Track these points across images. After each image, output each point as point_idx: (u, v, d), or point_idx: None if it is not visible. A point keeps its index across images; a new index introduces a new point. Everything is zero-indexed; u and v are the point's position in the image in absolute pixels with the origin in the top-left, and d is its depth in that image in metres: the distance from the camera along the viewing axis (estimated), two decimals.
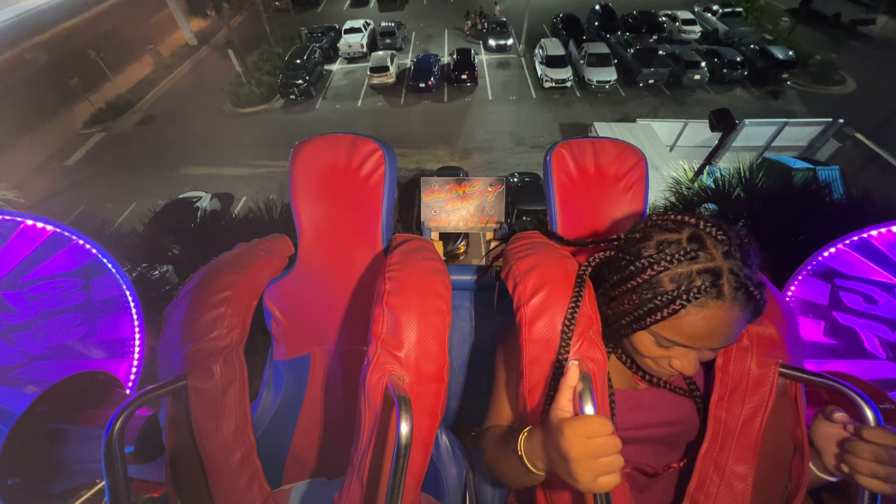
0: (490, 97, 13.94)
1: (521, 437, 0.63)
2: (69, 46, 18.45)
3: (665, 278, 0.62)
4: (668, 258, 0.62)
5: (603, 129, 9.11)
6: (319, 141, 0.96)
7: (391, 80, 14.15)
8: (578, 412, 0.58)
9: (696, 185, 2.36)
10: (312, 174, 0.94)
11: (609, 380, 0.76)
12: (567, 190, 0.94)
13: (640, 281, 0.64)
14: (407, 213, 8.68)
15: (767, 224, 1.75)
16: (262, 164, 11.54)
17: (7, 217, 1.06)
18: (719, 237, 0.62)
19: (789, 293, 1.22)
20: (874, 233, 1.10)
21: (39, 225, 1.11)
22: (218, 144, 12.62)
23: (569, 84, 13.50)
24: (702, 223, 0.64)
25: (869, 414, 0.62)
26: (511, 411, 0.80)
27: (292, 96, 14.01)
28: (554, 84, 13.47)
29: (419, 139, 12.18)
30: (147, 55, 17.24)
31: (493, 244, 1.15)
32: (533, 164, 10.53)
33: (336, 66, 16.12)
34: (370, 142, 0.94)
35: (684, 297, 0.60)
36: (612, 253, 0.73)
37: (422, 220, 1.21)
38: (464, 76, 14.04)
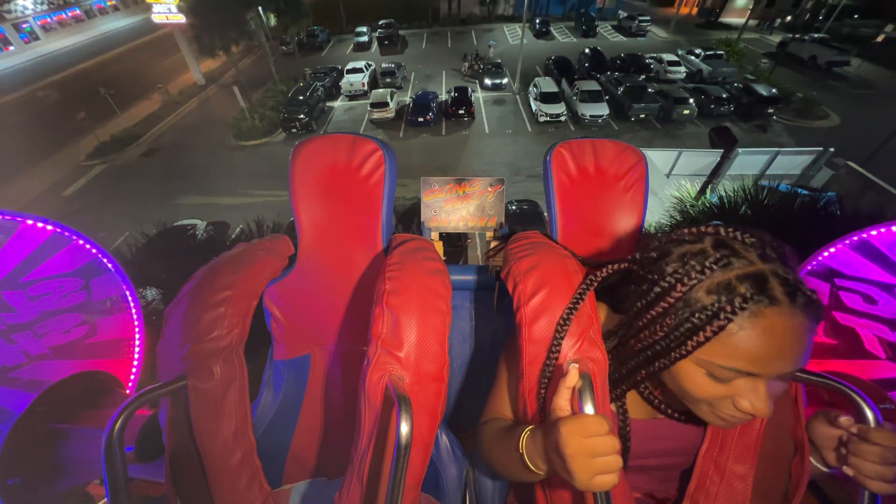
0: (487, 131, 14.52)
1: (524, 436, 0.63)
2: (81, 85, 19.13)
3: (701, 292, 0.53)
4: (699, 269, 0.54)
5: None
6: (319, 141, 0.96)
7: (391, 115, 14.77)
8: (578, 412, 0.58)
9: (700, 203, 2.34)
10: (312, 174, 0.94)
11: (626, 413, 0.73)
12: (567, 190, 0.94)
13: (673, 301, 0.56)
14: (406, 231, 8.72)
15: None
16: (260, 194, 11.75)
17: (7, 217, 1.06)
18: (747, 240, 0.55)
19: None
20: (874, 233, 1.10)
21: (39, 225, 1.11)
22: (217, 175, 12.93)
23: (563, 118, 14.17)
24: (722, 230, 0.57)
25: (869, 414, 0.62)
26: (509, 407, 0.80)
27: (294, 129, 14.62)
28: (549, 118, 14.16)
29: (418, 169, 12.41)
30: (156, 93, 17.82)
31: (493, 244, 1.15)
32: (531, 193, 10.74)
33: (338, 103, 16.97)
34: (370, 142, 0.94)
35: (728, 308, 0.50)
36: (626, 266, 0.66)
37: (422, 220, 1.21)
38: (461, 111, 14.72)
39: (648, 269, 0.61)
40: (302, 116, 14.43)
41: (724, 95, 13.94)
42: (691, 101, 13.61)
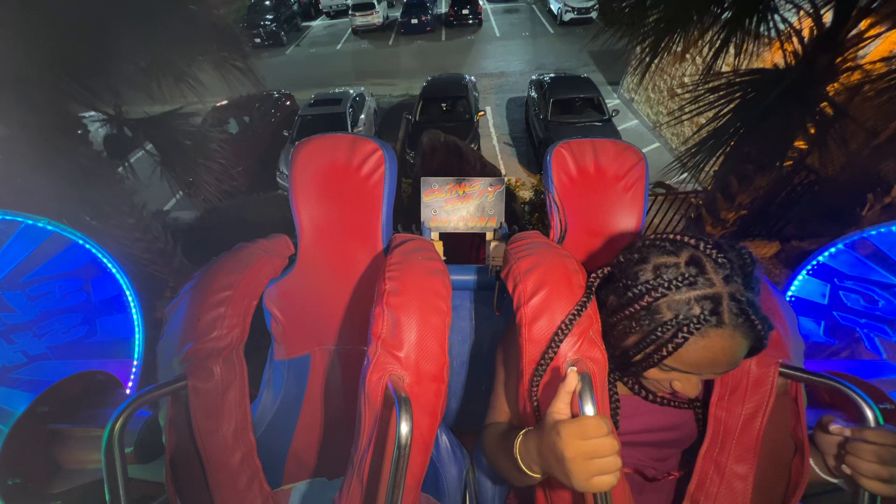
0: (498, 34, 12.35)
1: (518, 440, 0.63)
2: None
3: (663, 305, 0.60)
4: (666, 284, 0.60)
5: None
6: (319, 141, 0.96)
7: (377, 20, 12.20)
8: (578, 413, 0.58)
9: None
10: (312, 174, 0.94)
11: (615, 385, 0.76)
12: (567, 190, 0.94)
13: (638, 308, 0.62)
14: (391, 138, 8.10)
15: None
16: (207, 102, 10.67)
17: (7, 217, 1.06)
18: (720, 260, 0.59)
19: (789, 293, 1.22)
20: (874, 233, 1.10)
21: (39, 225, 1.11)
22: None
23: (593, 14, 11.65)
24: (702, 244, 0.61)
25: (869, 414, 0.62)
26: (510, 409, 0.80)
27: (258, 39, 12.13)
28: (575, 15, 11.86)
29: (410, 71, 10.87)
30: None
31: (493, 244, 1.15)
32: None
33: (316, 23, 14.44)
34: (370, 142, 0.94)
35: (685, 329, 0.57)
36: (609, 270, 0.71)
37: (422, 220, 1.21)
38: (465, 11, 11.99)
39: (625, 273, 0.66)
40: (266, 22, 12.08)
41: None
42: None
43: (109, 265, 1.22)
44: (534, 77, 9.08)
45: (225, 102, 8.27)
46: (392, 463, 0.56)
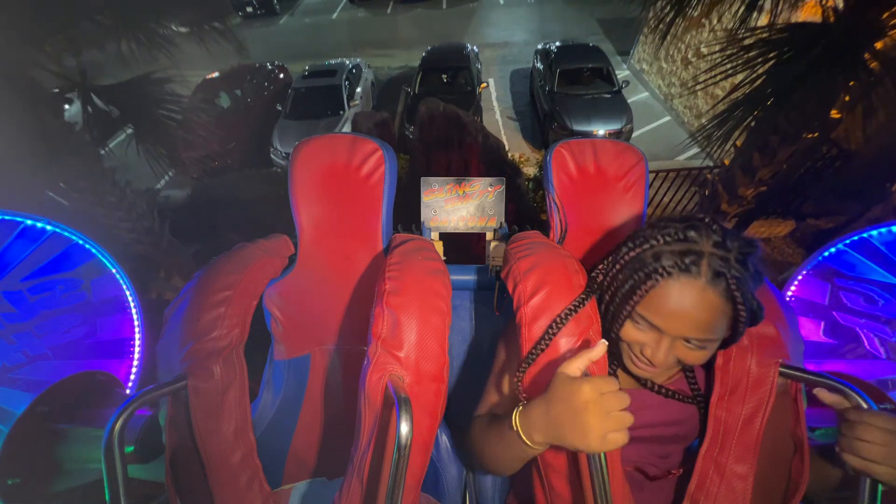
0: (502, 2, 12.08)
1: (516, 413, 0.63)
2: None
3: (649, 254, 0.64)
4: (658, 237, 0.64)
5: None
6: (319, 141, 0.96)
7: None
8: None
9: None
10: (312, 174, 0.94)
11: (616, 377, 0.77)
12: (567, 190, 0.94)
13: (629, 258, 0.66)
14: (389, 112, 7.73)
15: None
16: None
17: (7, 217, 1.07)
18: (714, 228, 0.62)
19: (789, 293, 1.22)
20: (874, 233, 1.10)
21: (39, 225, 1.11)
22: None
23: None
24: (707, 218, 0.64)
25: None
26: (502, 405, 0.80)
27: (249, 8, 11.80)
28: None
29: (409, 41, 10.61)
30: None
31: (493, 244, 1.15)
32: None
33: None
34: (370, 142, 0.94)
35: (660, 270, 0.61)
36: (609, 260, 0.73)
37: (422, 220, 1.21)
38: None
39: (632, 237, 0.69)
40: None
41: None
42: None
43: (109, 265, 1.22)
44: (539, 46, 8.72)
45: (215, 75, 7.90)
46: (392, 463, 0.56)
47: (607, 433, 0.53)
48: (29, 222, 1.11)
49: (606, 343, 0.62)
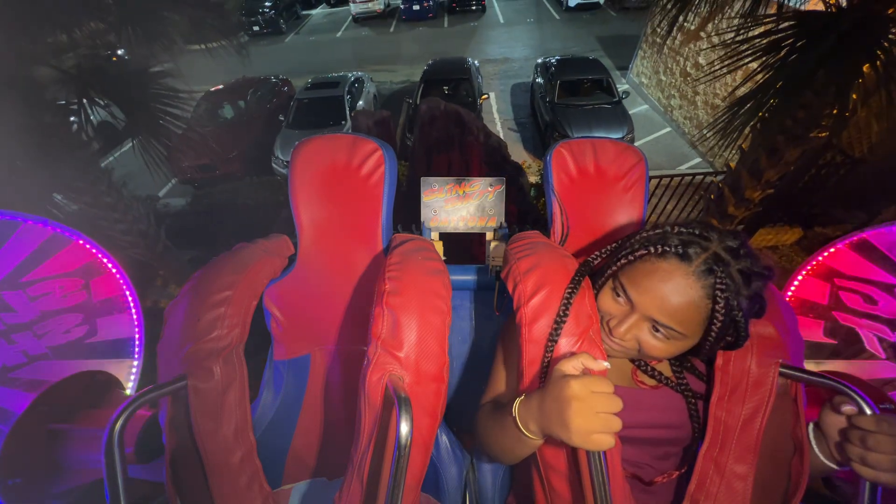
0: (502, 21, 12.39)
1: (517, 401, 0.64)
2: None
3: (658, 235, 0.66)
4: (674, 227, 0.66)
5: None
6: (319, 141, 0.96)
7: (378, 7, 12.21)
8: None
9: None
10: (312, 174, 0.94)
11: None
12: (567, 190, 0.94)
13: (639, 237, 0.68)
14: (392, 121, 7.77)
15: None
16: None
17: (7, 217, 1.07)
18: (736, 239, 0.62)
19: (789, 293, 1.22)
20: (874, 233, 1.10)
21: (39, 225, 1.11)
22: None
23: (601, 0, 11.76)
24: (726, 231, 0.65)
25: (869, 413, 0.62)
26: (506, 394, 0.81)
27: (256, 27, 12.20)
28: (582, 0, 11.89)
29: (411, 58, 10.85)
30: None
31: (493, 244, 1.15)
32: None
33: (316, 11, 14.52)
34: (370, 142, 0.94)
35: (659, 246, 0.62)
36: (614, 245, 0.75)
37: (422, 220, 1.21)
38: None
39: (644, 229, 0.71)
40: (265, 10, 12.00)
41: None
42: None
43: (109, 265, 1.22)
44: (539, 60, 8.88)
45: (220, 87, 8.24)
46: (392, 463, 0.56)
47: (592, 433, 0.52)
48: (29, 222, 1.10)
49: (608, 365, 0.62)
